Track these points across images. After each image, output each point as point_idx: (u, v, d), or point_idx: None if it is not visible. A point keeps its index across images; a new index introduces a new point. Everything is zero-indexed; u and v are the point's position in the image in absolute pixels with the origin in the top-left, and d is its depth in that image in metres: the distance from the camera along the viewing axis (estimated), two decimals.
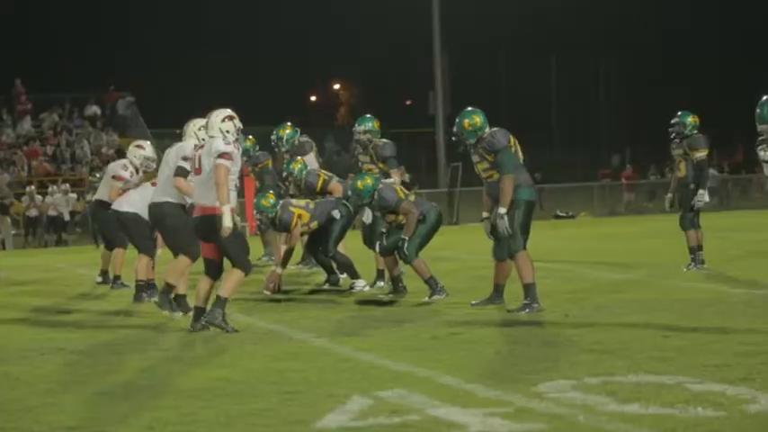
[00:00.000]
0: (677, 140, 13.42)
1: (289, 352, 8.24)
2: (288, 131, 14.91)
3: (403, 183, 12.44)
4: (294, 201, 12.84)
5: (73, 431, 5.82)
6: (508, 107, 65.33)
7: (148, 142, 13.43)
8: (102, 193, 13.45)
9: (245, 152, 15.04)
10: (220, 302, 9.24)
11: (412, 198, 11.60)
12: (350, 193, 12.23)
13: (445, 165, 37.06)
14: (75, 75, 49.46)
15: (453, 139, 10.62)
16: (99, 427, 5.89)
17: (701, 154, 13.25)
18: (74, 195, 30.51)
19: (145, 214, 11.22)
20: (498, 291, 10.61)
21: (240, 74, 62.55)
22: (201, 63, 63.06)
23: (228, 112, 9.57)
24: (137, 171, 12.82)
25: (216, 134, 9.39)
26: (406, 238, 11.24)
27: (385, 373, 7.21)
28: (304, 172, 13.64)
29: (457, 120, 10.47)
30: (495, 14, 59.89)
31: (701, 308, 9.82)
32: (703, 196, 13.16)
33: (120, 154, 36.55)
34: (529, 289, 10.06)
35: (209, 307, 9.42)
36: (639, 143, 51.88)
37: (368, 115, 13.11)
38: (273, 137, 15.03)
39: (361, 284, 12.35)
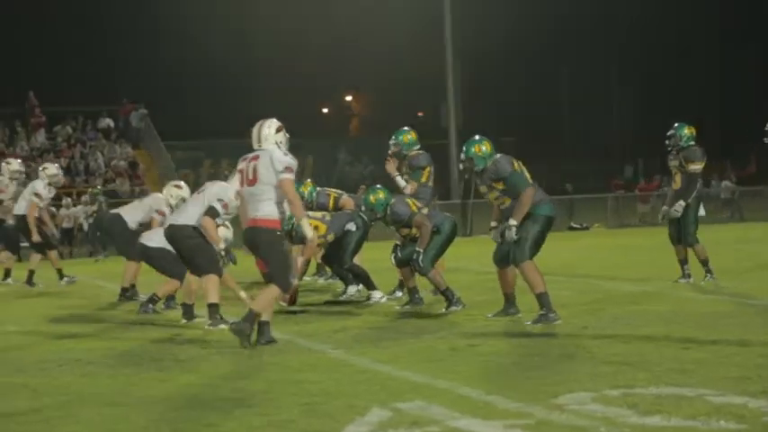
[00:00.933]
0: (674, 152, 13.42)
1: (307, 363, 8.23)
2: None
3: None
4: (311, 213, 12.84)
5: None
6: (519, 119, 65.43)
7: (184, 183, 13.63)
8: (130, 214, 13.63)
9: None
10: (251, 316, 9.11)
11: (425, 211, 11.60)
12: (362, 207, 12.23)
13: (458, 176, 37.05)
14: (89, 87, 49.61)
15: (461, 167, 10.67)
16: None
17: (696, 166, 13.21)
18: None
19: (169, 246, 11.30)
20: (509, 300, 10.59)
21: (253, 86, 62.67)
22: (215, 76, 63.20)
23: (277, 122, 9.49)
24: (171, 209, 12.97)
25: (271, 145, 9.32)
26: (421, 251, 11.24)
27: (404, 384, 7.20)
28: (314, 194, 13.71)
29: (464, 148, 10.53)
30: (507, 25, 59.95)
31: (719, 319, 9.78)
32: (680, 207, 13.12)
33: (134, 166, 36.79)
34: (541, 298, 10.02)
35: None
36: (652, 154, 51.77)
37: (404, 128, 13.14)
38: None
39: (377, 296, 12.34)
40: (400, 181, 12.68)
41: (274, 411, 6.40)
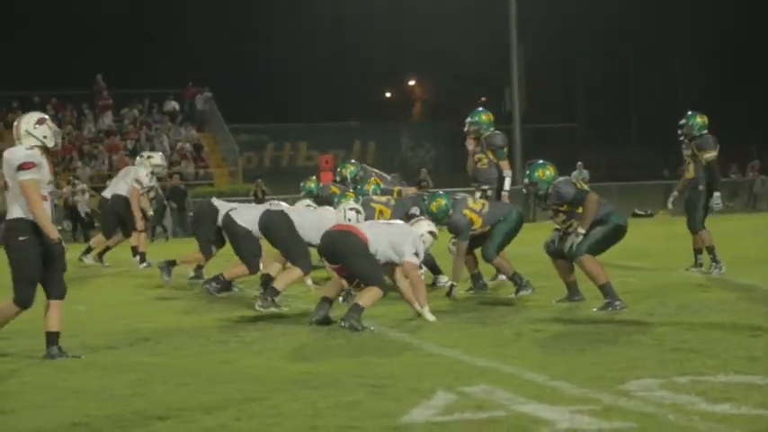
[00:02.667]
0: (686, 141, 13.25)
1: (372, 346, 8.26)
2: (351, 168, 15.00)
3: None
4: (375, 197, 12.86)
5: (163, 420, 5.89)
6: (584, 105, 64.91)
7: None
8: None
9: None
10: (357, 309, 9.18)
11: (486, 209, 11.53)
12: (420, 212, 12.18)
13: (521, 161, 36.89)
14: (155, 71, 50.04)
15: (524, 190, 10.75)
16: (187, 417, 5.94)
17: (710, 155, 13.05)
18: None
19: (256, 232, 11.40)
20: (571, 288, 10.56)
21: (317, 71, 62.80)
22: (279, 61, 63.44)
23: None
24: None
25: None
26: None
27: (469, 368, 7.19)
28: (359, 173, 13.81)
29: (528, 171, 10.64)
30: (572, 11, 59.46)
31: None
32: (718, 198, 12.97)
33: (198, 149, 37.10)
34: (604, 288, 9.96)
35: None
36: (721, 141, 51.14)
37: (480, 108, 13.26)
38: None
39: (443, 280, 12.32)
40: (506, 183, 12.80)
41: (339, 393, 6.43)
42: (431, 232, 10.17)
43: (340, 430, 5.54)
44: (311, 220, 11.09)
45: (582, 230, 9.96)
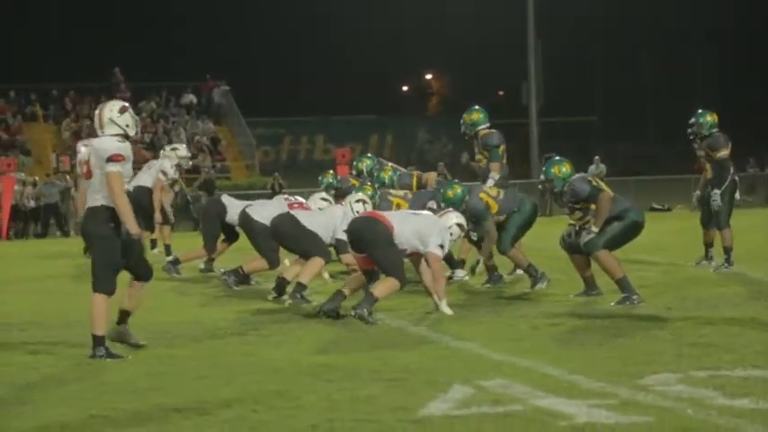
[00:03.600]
0: (698, 141, 13.20)
1: (388, 340, 8.27)
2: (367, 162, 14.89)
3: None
4: (393, 191, 12.87)
5: (180, 412, 5.91)
6: (602, 100, 64.72)
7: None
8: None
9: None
10: (370, 299, 9.19)
11: (501, 196, 11.52)
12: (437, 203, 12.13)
13: (538, 155, 36.85)
14: (172, 64, 50.15)
15: (540, 187, 10.74)
16: (205, 409, 5.96)
17: (723, 153, 12.96)
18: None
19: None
20: (588, 282, 10.55)
21: (334, 66, 62.81)
22: (297, 54, 63.46)
23: None
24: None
25: None
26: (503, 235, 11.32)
27: (486, 362, 7.20)
28: (394, 177, 13.68)
29: (544, 167, 10.64)
30: (589, 5, 59.30)
31: None
32: (717, 196, 12.87)
33: (216, 142, 37.16)
34: (621, 283, 9.96)
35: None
36: (738, 137, 51.01)
37: (475, 106, 13.07)
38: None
39: (460, 274, 12.31)
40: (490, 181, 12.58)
41: (356, 386, 6.44)
42: (459, 224, 10.14)
43: (357, 423, 5.55)
44: (320, 220, 11.11)
45: (595, 229, 9.95)
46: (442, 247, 9.59)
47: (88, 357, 7.65)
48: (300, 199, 12.49)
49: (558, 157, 10.65)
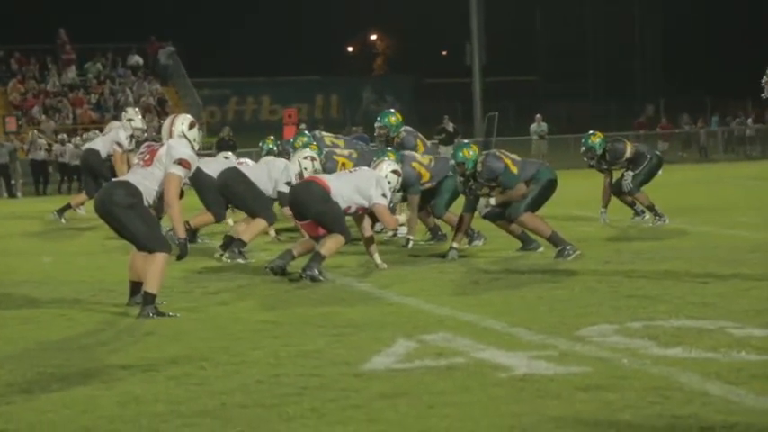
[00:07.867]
0: (603, 163, 13.45)
1: (334, 296, 8.38)
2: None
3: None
4: (338, 150, 12.95)
5: (126, 369, 5.95)
6: (542, 58, 65.00)
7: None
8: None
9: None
10: (318, 258, 9.27)
11: (433, 164, 11.75)
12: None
13: (481, 114, 37.05)
14: (118, 25, 49.61)
15: (451, 173, 11.00)
16: (151, 366, 6.00)
17: (626, 156, 13.32)
18: None
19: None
20: (523, 239, 10.82)
21: (279, 27, 62.42)
22: (242, 15, 62.98)
23: None
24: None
25: None
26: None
27: (429, 317, 7.33)
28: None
29: (453, 152, 10.90)
30: None
31: (740, 255, 9.87)
32: (629, 177, 13.26)
33: (162, 103, 36.90)
34: (552, 239, 10.23)
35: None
36: (674, 94, 51.51)
37: (390, 110, 13.21)
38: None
39: (402, 231, 12.37)
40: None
41: (301, 342, 6.54)
42: (394, 171, 10.25)
43: (301, 378, 5.61)
44: (265, 171, 11.19)
45: (493, 201, 10.38)
46: (384, 196, 9.72)
47: (135, 317, 7.61)
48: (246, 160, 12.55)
49: (465, 141, 10.87)
